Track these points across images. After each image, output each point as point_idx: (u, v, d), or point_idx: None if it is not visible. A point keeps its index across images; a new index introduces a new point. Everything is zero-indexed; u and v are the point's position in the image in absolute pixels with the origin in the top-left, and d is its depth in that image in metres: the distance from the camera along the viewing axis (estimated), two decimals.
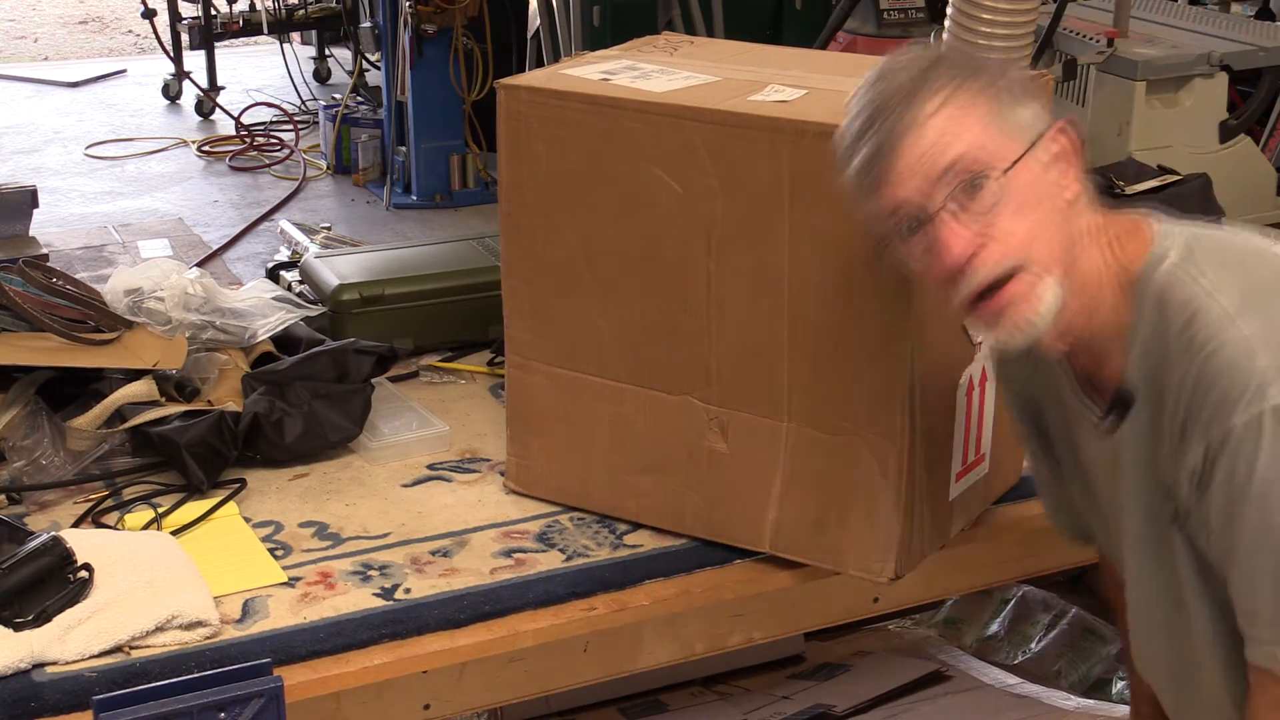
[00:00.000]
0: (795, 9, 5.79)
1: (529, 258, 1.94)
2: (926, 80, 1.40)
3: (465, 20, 6.20)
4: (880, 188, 1.41)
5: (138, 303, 2.21)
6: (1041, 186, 1.41)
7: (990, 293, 1.40)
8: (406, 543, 1.91)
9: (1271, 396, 1.31)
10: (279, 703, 1.58)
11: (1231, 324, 1.35)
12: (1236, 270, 1.40)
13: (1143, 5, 3.74)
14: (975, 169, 1.38)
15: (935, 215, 1.39)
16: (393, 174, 6.64)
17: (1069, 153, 1.44)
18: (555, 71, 1.95)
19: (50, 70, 9.05)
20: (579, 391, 1.95)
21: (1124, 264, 1.45)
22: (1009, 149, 1.40)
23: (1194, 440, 1.37)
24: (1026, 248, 1.40)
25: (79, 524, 1.93)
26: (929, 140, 1.39)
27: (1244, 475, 1.33)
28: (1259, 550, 1.34)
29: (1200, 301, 1.37)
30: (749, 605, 1.85)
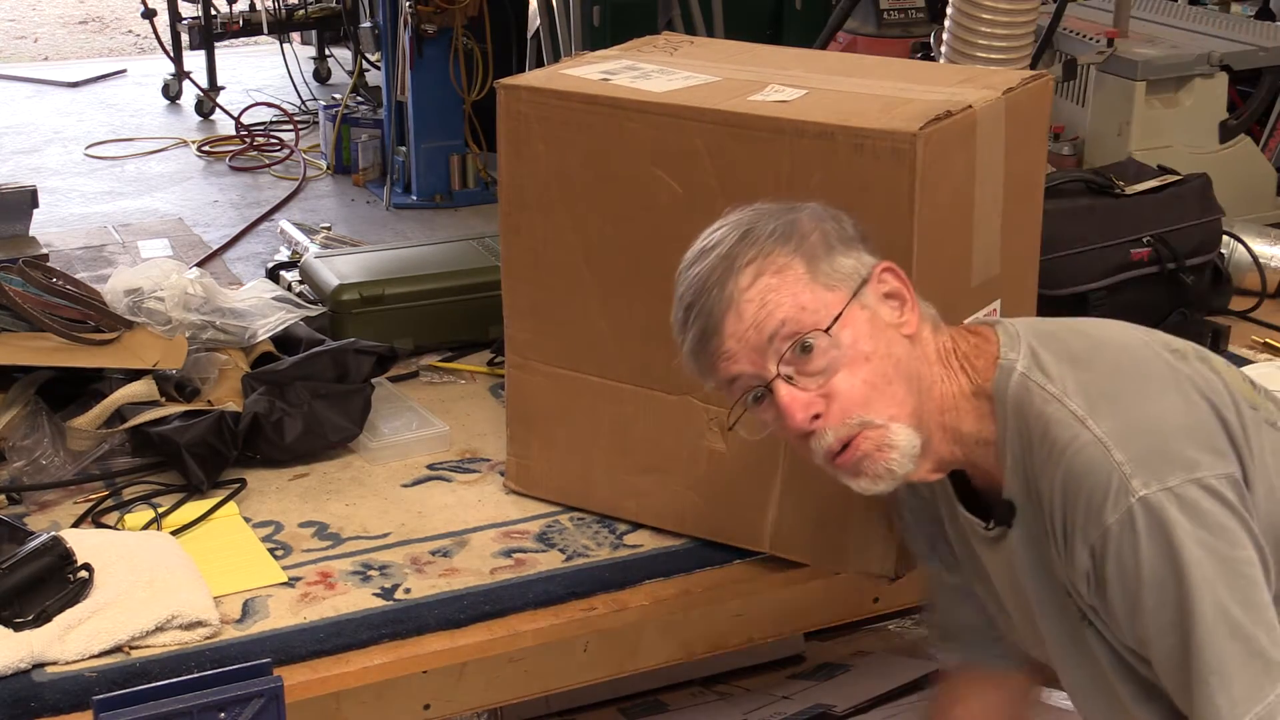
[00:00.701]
0: (795, 9, 5.79)
1: (529, 258, 1.94)
2: (736, 256, 1.43)
3: (465, 20, 6.20)
4: (715, 366, 1.45)
5: (138, 303, 2.21)
6: (876, 330, 1.44)
7: (843, 450, 1.43)
8: (406, 543, 1.91)
9: (1135, 489, 1.34)
10: (279, 703, 1.58)
11: (1083, 426, 1.38)
12: (1081, 367, 1.43)
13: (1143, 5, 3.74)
14: (800, 331, 1.41)
15: (773, 383, 1.42)
16: (393, 174, 6.64)
17: (900, 288, 1.47)
18: (555, 71, 1.95)
19: (50, 70, 9.05)
20: (579, 391, 1.95)
21: (978, 382, 1.48)
22: (831, 303, 1.42)
23: (1078, 544, 1.39)
24: (866, 402, 1.42)
25: (79, 524, 1.93)
26: (749, 315, 1.42)
27: (1132, 568, 1.35)
28: (1165, 632, 1.36)
29: (1051, 409, 1.40)
30: (749, 605, 1.85)
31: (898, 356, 1.44)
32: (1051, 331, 1.48)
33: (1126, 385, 1.41)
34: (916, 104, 1.75)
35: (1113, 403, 1.39)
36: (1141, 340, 1.48)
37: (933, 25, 3.69)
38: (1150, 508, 1.33)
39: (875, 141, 1.66)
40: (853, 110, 1.74)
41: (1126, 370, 1.43)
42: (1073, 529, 1.39)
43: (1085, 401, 1.39)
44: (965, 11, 2.68)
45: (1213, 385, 1.43)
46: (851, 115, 1.72)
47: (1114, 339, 1.48)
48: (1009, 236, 1.88)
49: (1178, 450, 1.36)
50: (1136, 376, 1.42)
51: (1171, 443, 1.36)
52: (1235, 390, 1.44)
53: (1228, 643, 1.33)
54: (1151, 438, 1.36)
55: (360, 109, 6.99)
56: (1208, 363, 1.47)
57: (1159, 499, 1.33)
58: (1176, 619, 1.34)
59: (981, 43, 2.65)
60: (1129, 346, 1.46)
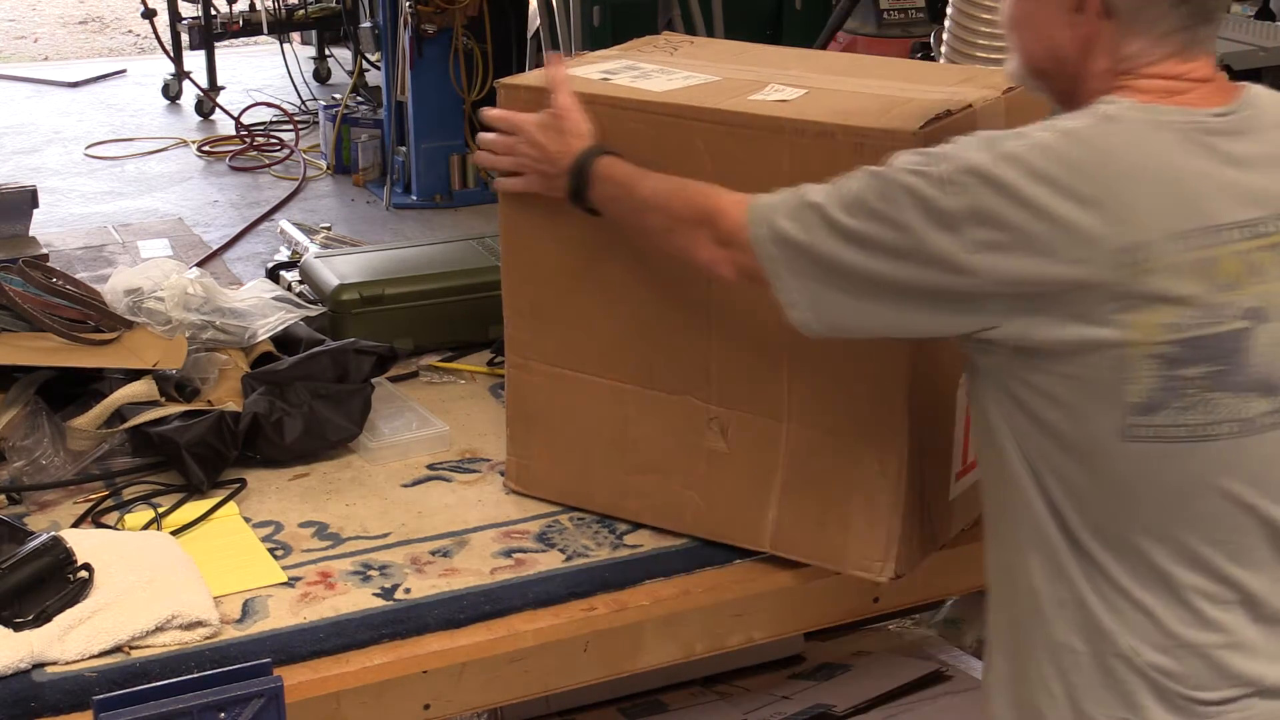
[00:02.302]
0: (795, 9, 5.80)
1: (529, 258, 1.94)
2: None
3: (465, 20, 6.21)
4: None
5: (138, 303, 2.21)
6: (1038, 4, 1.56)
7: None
8: (406, 543, 1.91)
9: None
10: (279, 703, 1.58)
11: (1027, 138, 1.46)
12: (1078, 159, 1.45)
13: None
14: None
15: None
16: (393, 174, 6.64)
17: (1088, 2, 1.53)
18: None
19: (50, 70, 9.06)
20: (579, 391, 1.95)
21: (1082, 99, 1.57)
22: None
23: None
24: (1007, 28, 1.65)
25: (79, 524, 1.92)
26: None
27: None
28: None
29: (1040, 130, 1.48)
30: (749, 605, 1.85)
31: (1045, 31, 1.52)
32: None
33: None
34: (916, 103, 1.75)
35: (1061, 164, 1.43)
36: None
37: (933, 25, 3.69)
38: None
39: (876, 140, 1.66)
40: (853, 109, 1.74)
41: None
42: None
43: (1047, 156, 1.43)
44: (965, 11, 2.68)
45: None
46: (852, 115, 1.72)
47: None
48: None
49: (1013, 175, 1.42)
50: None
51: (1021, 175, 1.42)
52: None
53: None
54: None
55: (360, 109, 7.00)
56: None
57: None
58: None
59: (981, 43, 2.65)
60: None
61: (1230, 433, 1.45)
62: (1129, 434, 1.43)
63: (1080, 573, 1.49)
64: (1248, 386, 1.44)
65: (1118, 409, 1.43)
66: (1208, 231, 1.43)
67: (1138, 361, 1.42)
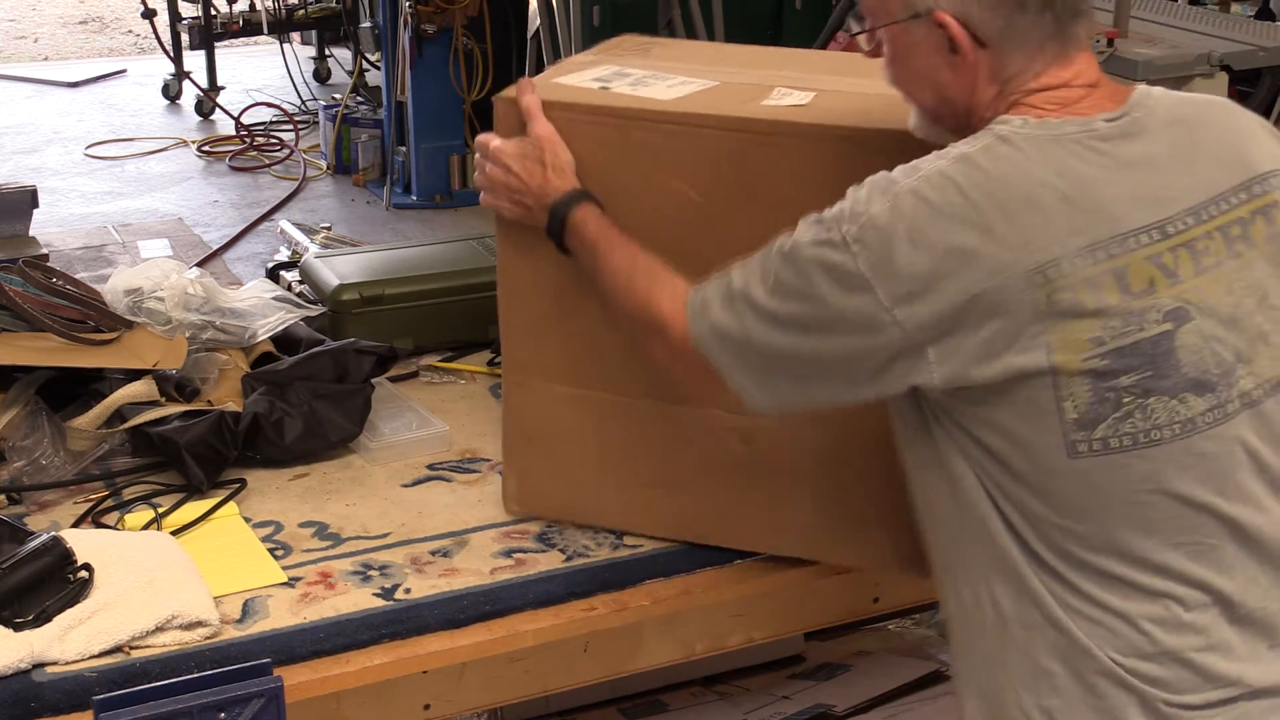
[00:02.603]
0: (795, 9, 5.79)
1: (530, 274, 1.89)
2: None
3: (465, 20, 6.21)
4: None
5: (138, 303, 2.21)
6: (910, 54, 1.58)
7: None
8: (406, 543, 1.91)
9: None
10: (279, 703, 1.58)
11: (906, 181, 1.47)
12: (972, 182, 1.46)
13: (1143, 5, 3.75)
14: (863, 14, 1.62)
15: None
16: (393, 174, 6.64)
17: (958, 41, 1.53)
18: (550, 81, 1.91)
19: (50, 70, 9.06)
20: (586, 408, 1.90)
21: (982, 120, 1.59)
22: (883, 13, 1.57)
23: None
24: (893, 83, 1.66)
25: (79, 524, 1.92)
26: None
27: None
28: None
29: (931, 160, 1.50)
30: (749, 605, 1.85)
31: (928, 79, 1.54)
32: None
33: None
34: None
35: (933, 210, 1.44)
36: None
37: None
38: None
39: (896, 144, 1.63)
40: (865, 111, 1.72)
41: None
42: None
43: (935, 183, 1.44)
44: None
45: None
46: (867, 117, 1.71)
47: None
48: None
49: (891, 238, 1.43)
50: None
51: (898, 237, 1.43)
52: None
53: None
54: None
55: (360, 109, 7.00)
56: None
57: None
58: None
59: None
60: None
61: (1173, 435, 1.44)
62: (1073, 450, 1.44)
63: (1049, 592, 1.48)
64: (1182, 388, 1.44)
65: (1059, 429, 1.43)
66: (1115, 240, 1.43)
67: (1070, 380, 1.42)
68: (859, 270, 1.44)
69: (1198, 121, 1.53)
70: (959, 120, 1.54)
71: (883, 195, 1.44)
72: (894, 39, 1.53)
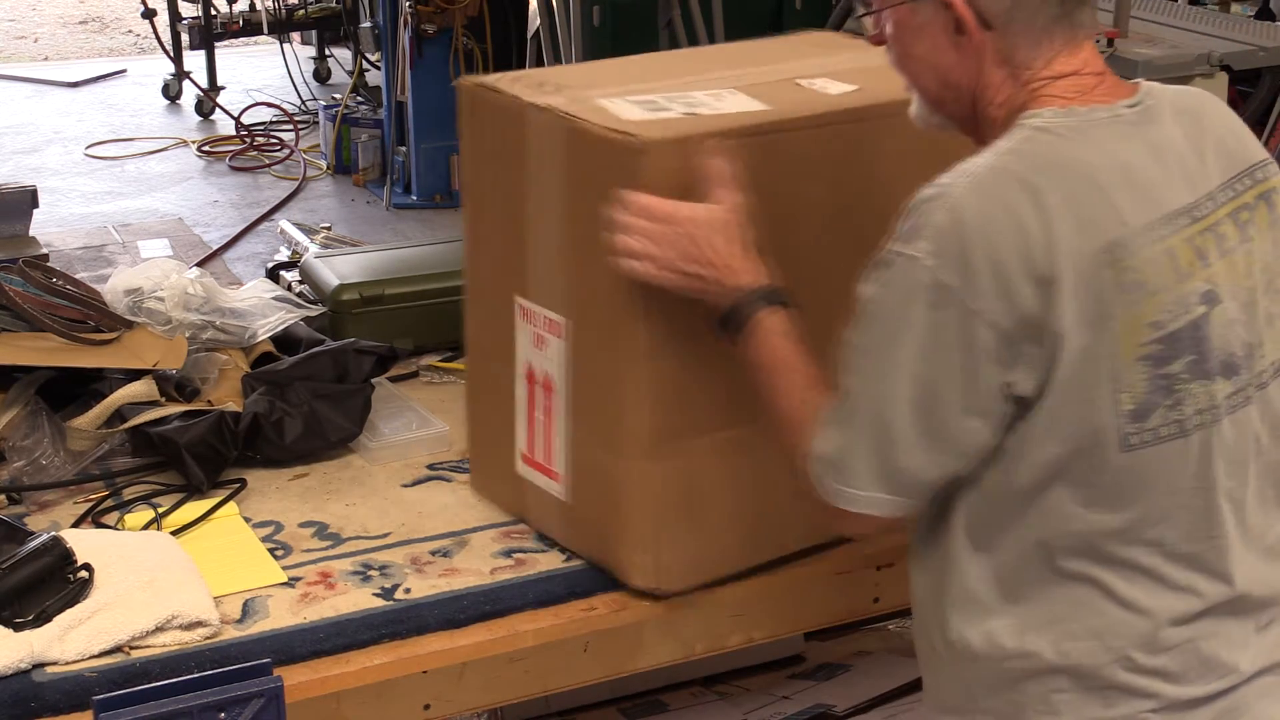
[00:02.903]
0: (795, 9, 5.79)
1: (671, 336, 1.68)
2: None
3: (465, 20, 6.21)
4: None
5: (138, 303, 2.21)
6: (915, 35, 1.56)
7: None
8: (406, 543, 1.91)
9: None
10: (279, 703, 1.58)
11: (957, 184, 1.44)
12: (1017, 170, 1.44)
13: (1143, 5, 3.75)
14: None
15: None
16: (393, 174, 6.64)
17: (963, 21, 1.51)
18: (604, 111, 1.72)
19: (50, 70, 9.06)
20: (736, 449, 1.75)
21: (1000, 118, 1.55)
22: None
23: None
24: (897, 67, 1.62)
25: (79, 524, 1.93)
26: None
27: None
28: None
29: (983, 159, 1.48)
30: (749, 605, 1.85)
31: (932, 62, 1.52)
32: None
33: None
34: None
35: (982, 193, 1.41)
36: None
37: None
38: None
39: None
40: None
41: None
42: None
43: (979, 181, 1.42)
44: None
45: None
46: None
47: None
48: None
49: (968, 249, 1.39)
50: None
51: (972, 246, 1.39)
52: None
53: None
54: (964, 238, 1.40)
55: (360, 109, 7.00)
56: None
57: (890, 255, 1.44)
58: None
59: None
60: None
61: (1204, 421, 1.46)
62: (1125, 444, 1.43)
63: (1069, 594, 1.48)
64: (1215, 371, 1.45)
65: (1114, 424, 1.42)
66: (1164, 221, 1.44)
67: (1129, 369, 1.42)
68: (943, 282, 1.40)
69: (1199, 112, 1.54)
70: (963, 107, 1.53)
71: (940, 205, 1.41)
72: (900, 21, 1.53)
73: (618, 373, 1.71)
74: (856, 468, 1.47)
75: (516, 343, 1.85)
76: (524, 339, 1.84)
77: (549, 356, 1.80)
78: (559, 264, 1.77)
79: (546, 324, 1.80)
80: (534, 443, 1.86)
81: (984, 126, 1.52)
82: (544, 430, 1.84)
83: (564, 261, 1.76)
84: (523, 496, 1.91)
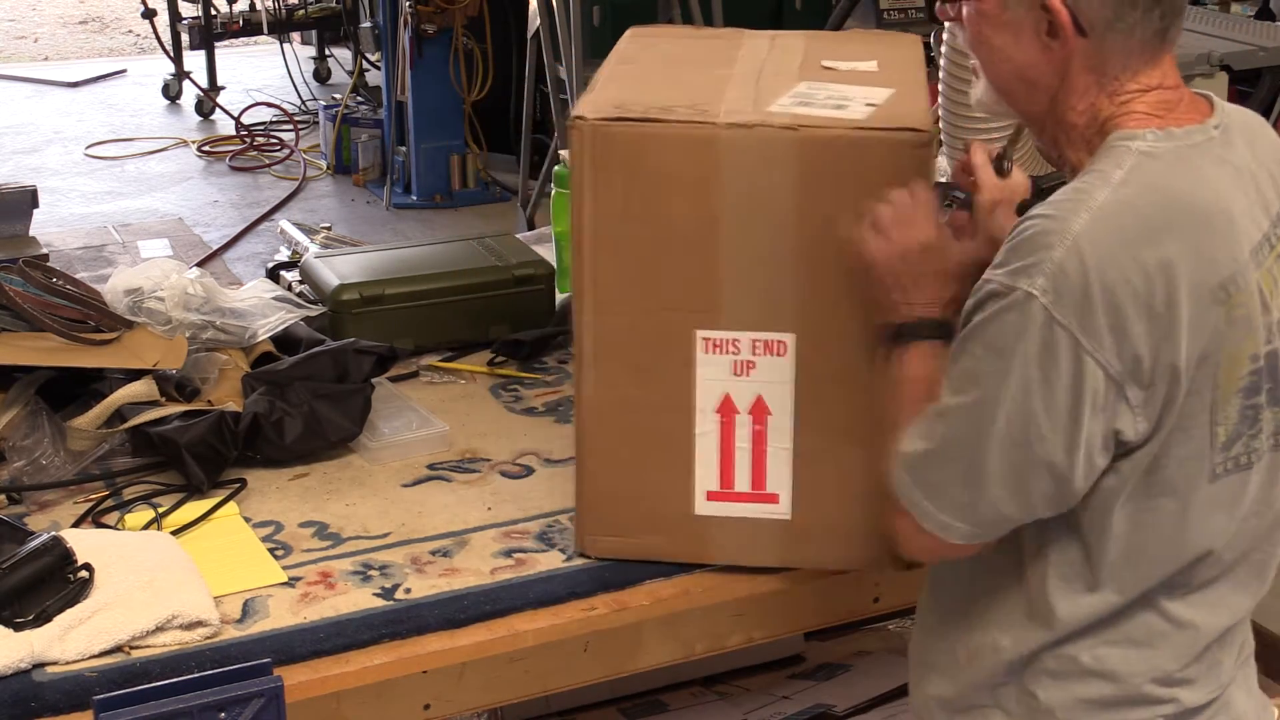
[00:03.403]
0: (795, 8, 5.80)
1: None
2: None
3: (465, 20, 6.21)
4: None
5: (138, 303, 2.21)
6: (998, 29, 1.52)
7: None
8: (406, 543, 1.91)
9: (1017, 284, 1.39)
10: (279, 703, 1.58)
11: (1078, 219, 1.39)
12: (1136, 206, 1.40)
13: None
14: None
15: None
16: (393, 174, 6.65)
17: (1060, 26, 1.47)
18: (787, 113, 1.74)
19: (50, 70, 9.07)
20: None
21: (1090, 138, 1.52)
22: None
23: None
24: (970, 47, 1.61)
25: (79, 524, 1.92)
26: None
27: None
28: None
29: (1092, 183, 1.43)
30: (749, 605, 1.85)
31: (1013, 56, 1.47)
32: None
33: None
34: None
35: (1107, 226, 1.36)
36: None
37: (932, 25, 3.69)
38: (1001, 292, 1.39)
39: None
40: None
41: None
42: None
43: (1102, 218, 1.37)
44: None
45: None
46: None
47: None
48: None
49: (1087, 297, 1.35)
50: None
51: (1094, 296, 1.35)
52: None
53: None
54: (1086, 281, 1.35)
55: (360, 109, 7.00)
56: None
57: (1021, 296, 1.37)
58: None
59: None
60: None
61: (1271, 446, 1.45)
62: (1213, 475, 1.42)
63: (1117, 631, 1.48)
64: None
65: (1208, 456, 1.41)
66: (1255, 252, 1.41)
67: (1228, 401, 1.40)
68: (1056, 320, 1.35)
69: (1256, 133, 1.51)
70: (1036, 104, 1.49)
71: (1059, 239, 1.36)
72: (984, 11, 1.48)
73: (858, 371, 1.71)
74: (939, 486, 1.45)
75: (697, 381, 1.77)
76: (713, 372, 1.77)
77: (763, 378, 1.77)
78: (788, 280, 1.74)
79: (759, 346, 1.76)
80: (732, 475, 1.81)
81: (1058, 129, 1.49)
82: (751, 458, 1.80)
83: (794, 276, 1.73)
84: (704, 536, 1.84)
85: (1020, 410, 1.38)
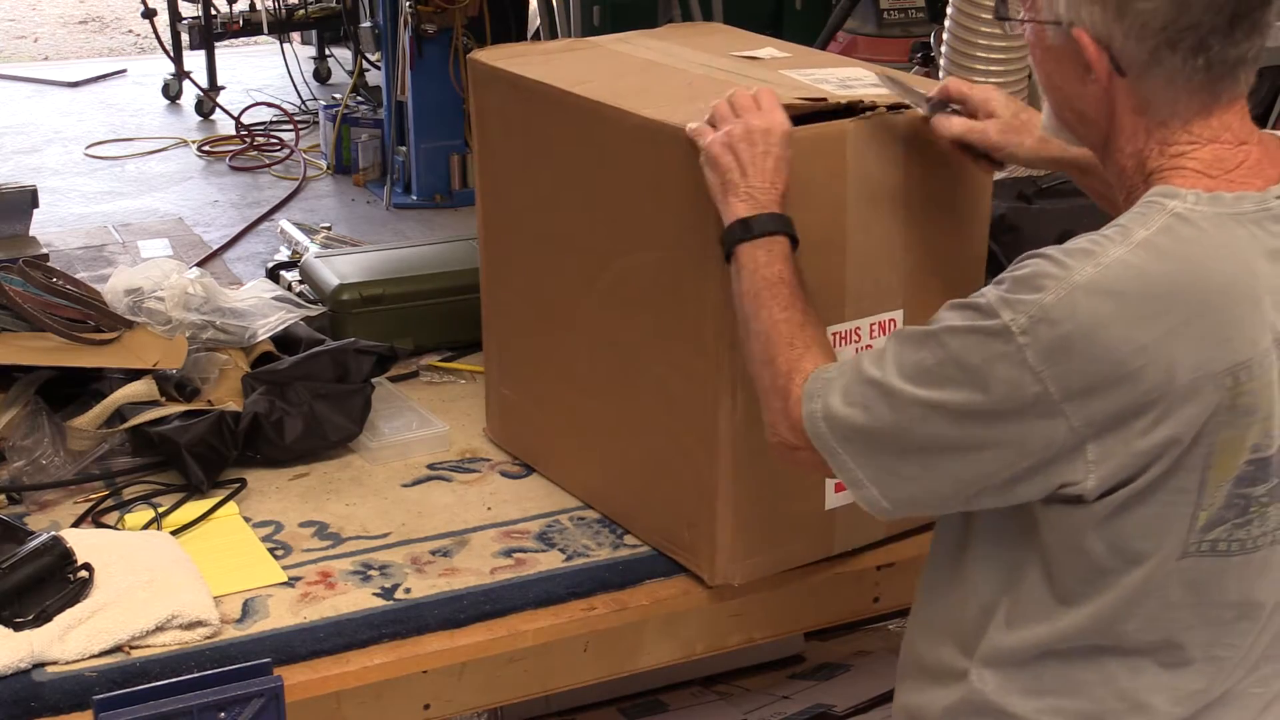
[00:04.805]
0: (795, 9, 5.80)
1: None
2: None
3: (465, 20, 6.21)
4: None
5: (138, 303, 2.21)
6: (1047, 56, 1.48)
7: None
8: (406, 543, 1.92)
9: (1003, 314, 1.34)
10: (279, 703, 1.58)
11: (1082, 270, 1.32)
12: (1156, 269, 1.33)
13: None
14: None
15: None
16: (393, 174, 6.64)
17: (1092, 62, 1.41)
18: (836, 78, 1.84)
19: (50, 70, 9.07)
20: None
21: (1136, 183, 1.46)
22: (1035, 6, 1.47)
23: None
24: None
25: (79, 524, 1.93)
26: None
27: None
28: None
29: (1114, 237, 1.35)
30: (749, 605, 1.85)
31: (1065, 90, 1.43)
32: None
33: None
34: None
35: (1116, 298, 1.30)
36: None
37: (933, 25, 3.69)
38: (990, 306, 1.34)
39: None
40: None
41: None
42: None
43: (1111, 273, 1.30)
44: (965, 12, 2.67)
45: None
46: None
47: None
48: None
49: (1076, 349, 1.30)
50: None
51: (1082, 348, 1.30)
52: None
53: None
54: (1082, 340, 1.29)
55: (360, 109, 7.00)
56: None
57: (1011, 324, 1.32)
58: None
59: (981, 43, 2.65)
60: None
61: (1270, 542, 1.39)
62: (1185, 553, 1.37)
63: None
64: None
65: (1183, 536, 1.36)
66: (1277, 343, 1.34)
67: (1219, 486, 1.34)
68: (1027, 362, 1.30)
69: None
70: (1093, 138, 1.44)
71: (1056, 285, 1.30)
72: (1034, 33, 1.42)
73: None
74: (866, 457, 1.41)
75: None
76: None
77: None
78: (900, 257, 1.80)
79: (876, 329, 1.79)
80: None
81: (1110, 169, 1.44)
82: None
83: (902, 254, 1.80)
84: (831, 529, 1.86)
85: (964, 437, 1.35)
